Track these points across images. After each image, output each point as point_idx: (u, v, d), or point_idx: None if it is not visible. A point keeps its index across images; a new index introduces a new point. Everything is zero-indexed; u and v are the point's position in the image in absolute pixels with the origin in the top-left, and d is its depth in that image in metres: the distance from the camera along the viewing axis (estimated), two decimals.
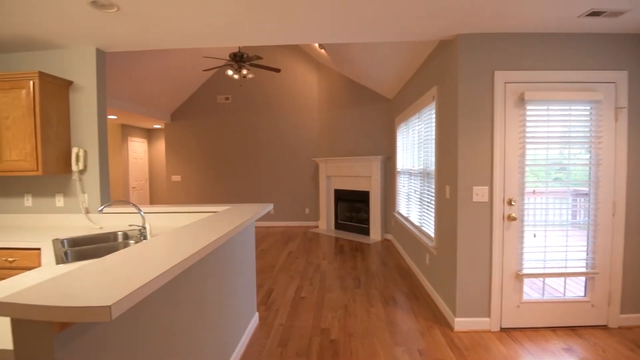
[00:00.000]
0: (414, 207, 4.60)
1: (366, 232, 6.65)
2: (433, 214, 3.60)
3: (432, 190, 3.64)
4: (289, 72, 7.95)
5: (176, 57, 6.43)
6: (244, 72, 5.86)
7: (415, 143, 4.48)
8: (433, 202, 3.60)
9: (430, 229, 3.78)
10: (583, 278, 2.92)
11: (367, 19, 2.58)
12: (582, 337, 2.71)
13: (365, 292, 3.76)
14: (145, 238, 2.48)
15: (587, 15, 2.46)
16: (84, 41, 2.89)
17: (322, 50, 6.57)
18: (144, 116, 7.32)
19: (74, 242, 2.46)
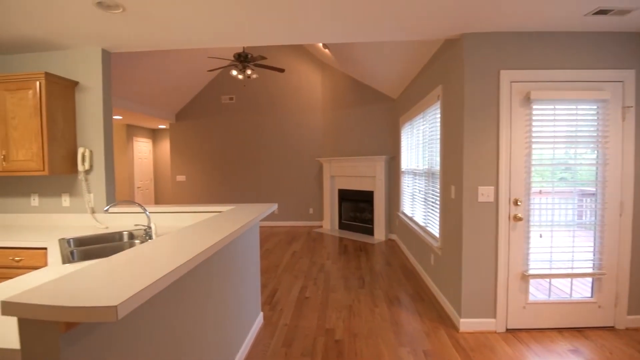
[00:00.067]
0: (419, 207, 4.58)
1: (370, 232, 6.64)
2: (438, 214, 3.58)
3: (437, 190, 3.62)
4: (293, 72, 7.95)
5: (181, 58, 6.45)
6: (248, 72, 5.87)
7: (420, 143, 4.46)
8: (438, 202, 3.58)
9: (435, 229, 3.76)
10: (590, 279, 2.90)
11: (371, 18, 2.57)
12: (589, 339, 2.69)
13: (369, 292, 3.76)
14: (150, 238, 2.49)
15: (594, 14, 2.44)
16: (89, 42, 2.91)
17: (326, 50, 6.57)
18: (148, 116, 7.36)
19: (80, 241, 2.48)
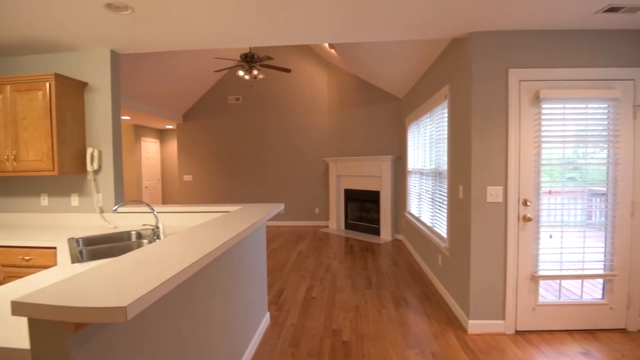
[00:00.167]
0: (426, 207, 4.56)
1: (376, 232, 6.61)
2: (445, 215, 3.55)
3: (444, 190, 3.60)
4: (299, 72, 7.95)
5: (188, 59, 6.48)
6: (255, 72, 5.88)
7: (427, 142, 4.43)
8: (445, 203, 3.55)
9: (442, 229, 3.74)
10: (601, 280, 2.85)
11: (378, 17, 2.56)
12: (600, 341, 2.65)
13: (376, 292, 3.74)
14: (158, 237, 2.50)
15: (605, 12, 2.41)
16: (98, 43, 2.93)
17: (332, 50, 6.56)
18: (156, 117, 7.41)
19: (89, 241, 2.50)
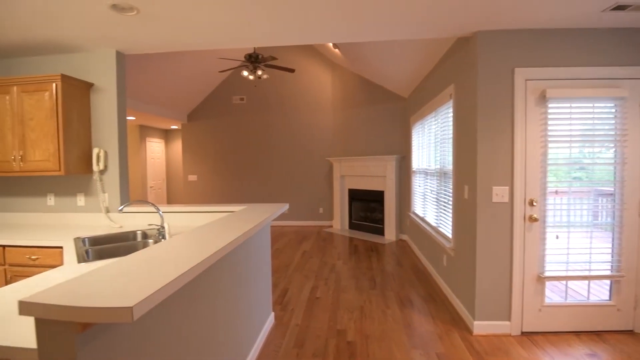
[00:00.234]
0: (430, 208, 4.54)
1: (381, 232, 6.60)
2: (450, 215, 3.54)
3: (450, 190, 3.58)
4: (303, 72, 7.95)
5: (192, 59, 6.50)
6: (259, 72, 5.89)
7: (432, 142, 4.41)
8: (450, 203, 3.54)
9: (447, 229, 3.72)
10: (608, 281, 2.82)
11: (383, 16, 2.55)
12: (607, 343, 2.62)
13: (381, 293, 3.73)
14: (163, 237, 2.51)
15: (612, 10, 2.38)
16: (104, 44, 2.95)
17: (336, 50, 6.55)
18: (161, 117, 7.44)
19: (95, 240, 2.52)
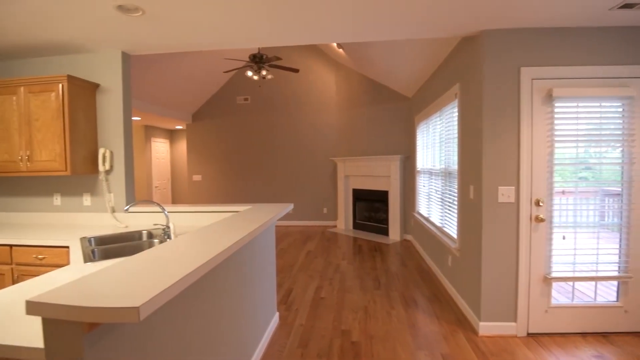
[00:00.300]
0: (435, 208, 4.52)
1: (385, 232, 6.58)
2: (455, 215, 3.52)
3: (455, 190, 3.56)
4: (307, 72, 7.96)
5: (197, 60, 6.53)
6: (264, 73, 5.90)
7: (437, 142, 4.39)
8: (455, 203, 3.52)
9: (452, 230, 3.70)
10: (615, 282, 2.80)
11: (388, 16, 2.54)
12: (615, 344, 2.59)
13: (385, 293, 3.72)
14: (169, 237, 2.52)
15: (619, 8, 2.36)
16: (110, 45, 2.96)
17: (341, 50, 6.54)
18: (166, 117, 7.48)
19: (101, 240, 2.53)
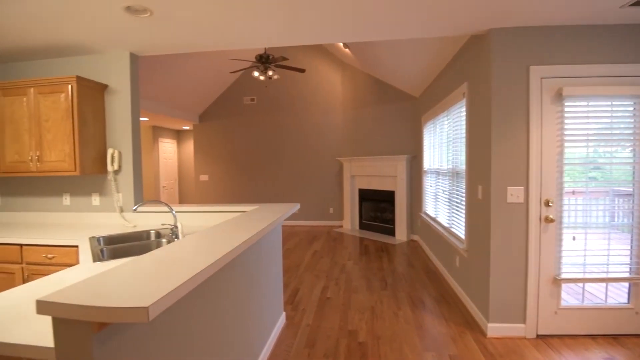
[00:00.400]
0: (442, 208, 4.49)
1: (391, 232, 6.55)
2: (463, 215, 3.49)
3: (462, 191, 3.53)
4: (313, 72, 7.95)
5: (204, 60, 6.56)
6: (270, 73, 5.91)
7: (444, 141, 4.36)
8: (463, 203, 3.49)
9: (460, 230, 3.67)
10: (626, 284, 2.75)
11: (395, 15, 2.53)
12: (626, 347, 2.55)
13: (392, 294, 3.70)
14: (177, 237, 2.53)
15: (631, 5, 2.32)
16: (118, 46, 2.99)
17: (347, 50, 6.53)
18: (173, 118, 7.53)
19: (110, 240, 2.55)
